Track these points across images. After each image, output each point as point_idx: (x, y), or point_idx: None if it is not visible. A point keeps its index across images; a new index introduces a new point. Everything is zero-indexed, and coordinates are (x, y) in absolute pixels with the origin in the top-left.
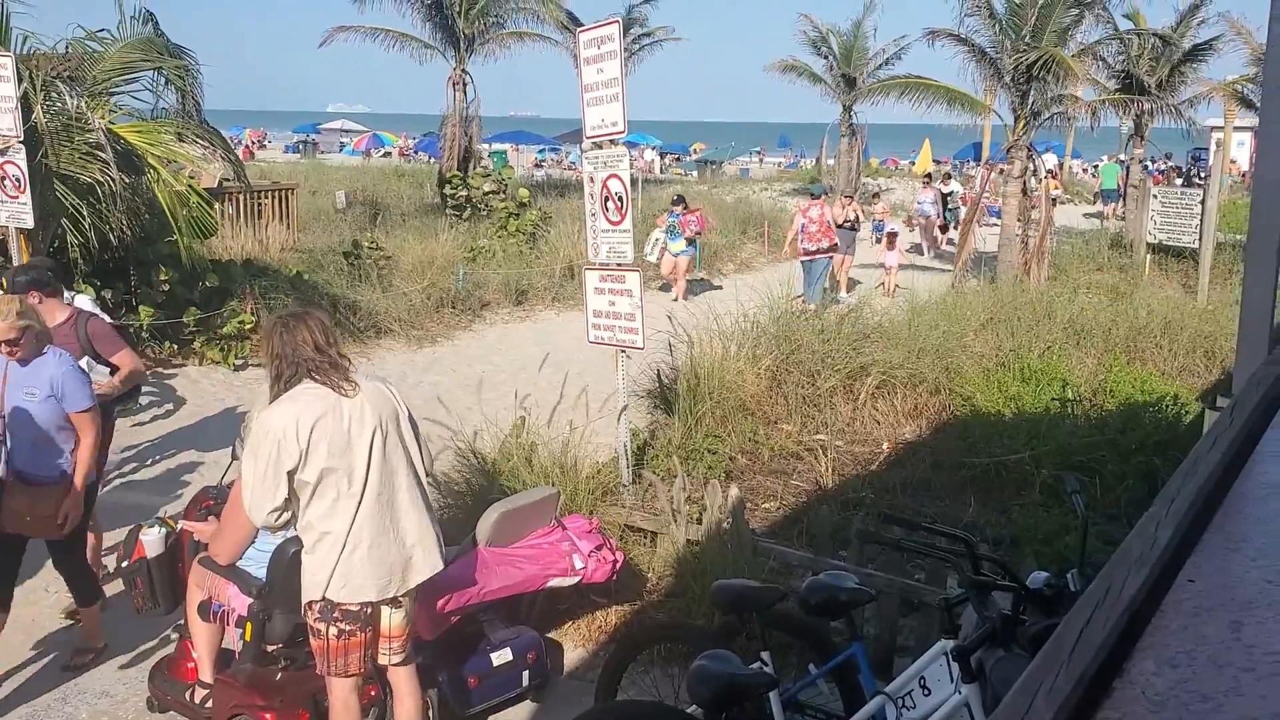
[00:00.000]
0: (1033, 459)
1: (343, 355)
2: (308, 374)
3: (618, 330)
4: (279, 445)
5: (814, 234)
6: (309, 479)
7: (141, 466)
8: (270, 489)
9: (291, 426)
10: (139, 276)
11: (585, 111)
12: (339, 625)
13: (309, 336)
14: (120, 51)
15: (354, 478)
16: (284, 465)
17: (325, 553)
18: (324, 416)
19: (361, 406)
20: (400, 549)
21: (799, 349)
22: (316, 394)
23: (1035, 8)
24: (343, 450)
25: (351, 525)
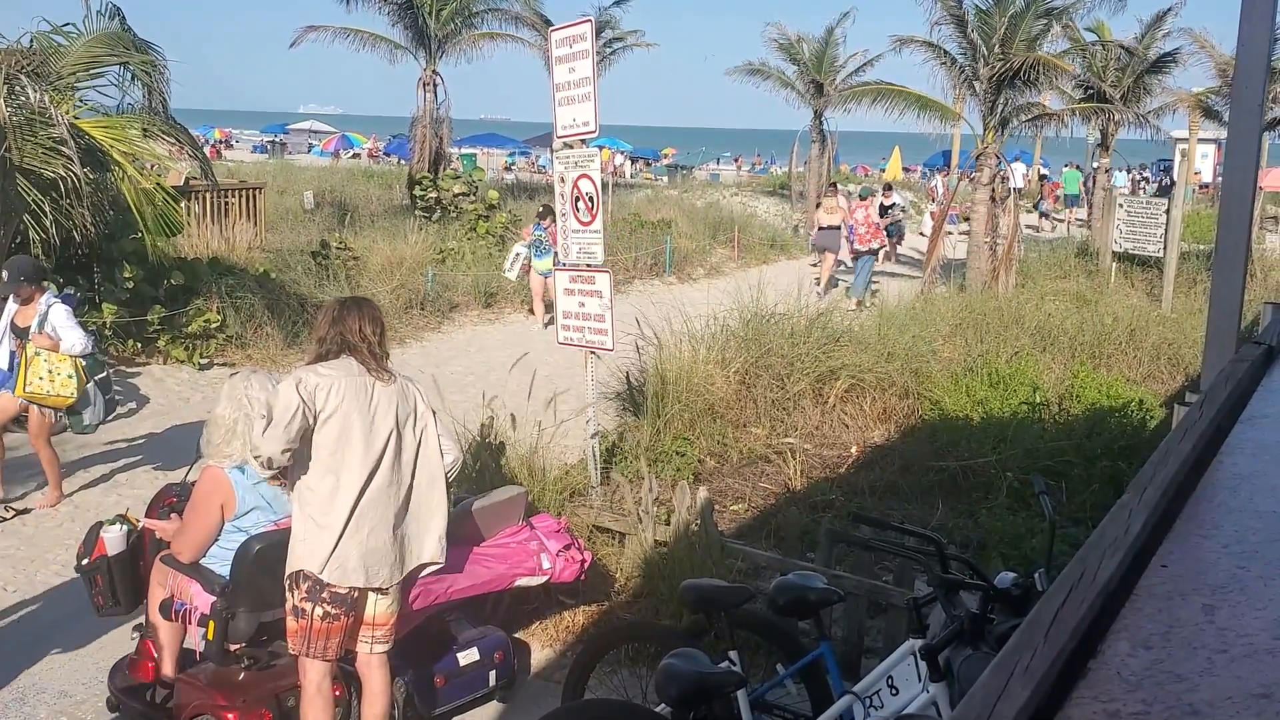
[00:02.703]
0: (1000, 463)
1: (385, 350)
2: (348, 351)
3: (587, 331)
4: (311, 394)
5: (864, 235)
6: (325, 440)
7: (104, 464)
8: (285, 433)
9: (325, 384)
10: (103, 273)
11: (556, 111)
12: (325, 606)
13: (358, 324)
14: (86, 46)
15: (366, 457)
16: (307, 414)
17: (324, 525)
18: (355, 388)
19: (391, 395)
20: (400, 542)
21: (768, 352)
22: (352, 368)
23: (1005, 17)
24: (363, 427)
25: (355, 504)
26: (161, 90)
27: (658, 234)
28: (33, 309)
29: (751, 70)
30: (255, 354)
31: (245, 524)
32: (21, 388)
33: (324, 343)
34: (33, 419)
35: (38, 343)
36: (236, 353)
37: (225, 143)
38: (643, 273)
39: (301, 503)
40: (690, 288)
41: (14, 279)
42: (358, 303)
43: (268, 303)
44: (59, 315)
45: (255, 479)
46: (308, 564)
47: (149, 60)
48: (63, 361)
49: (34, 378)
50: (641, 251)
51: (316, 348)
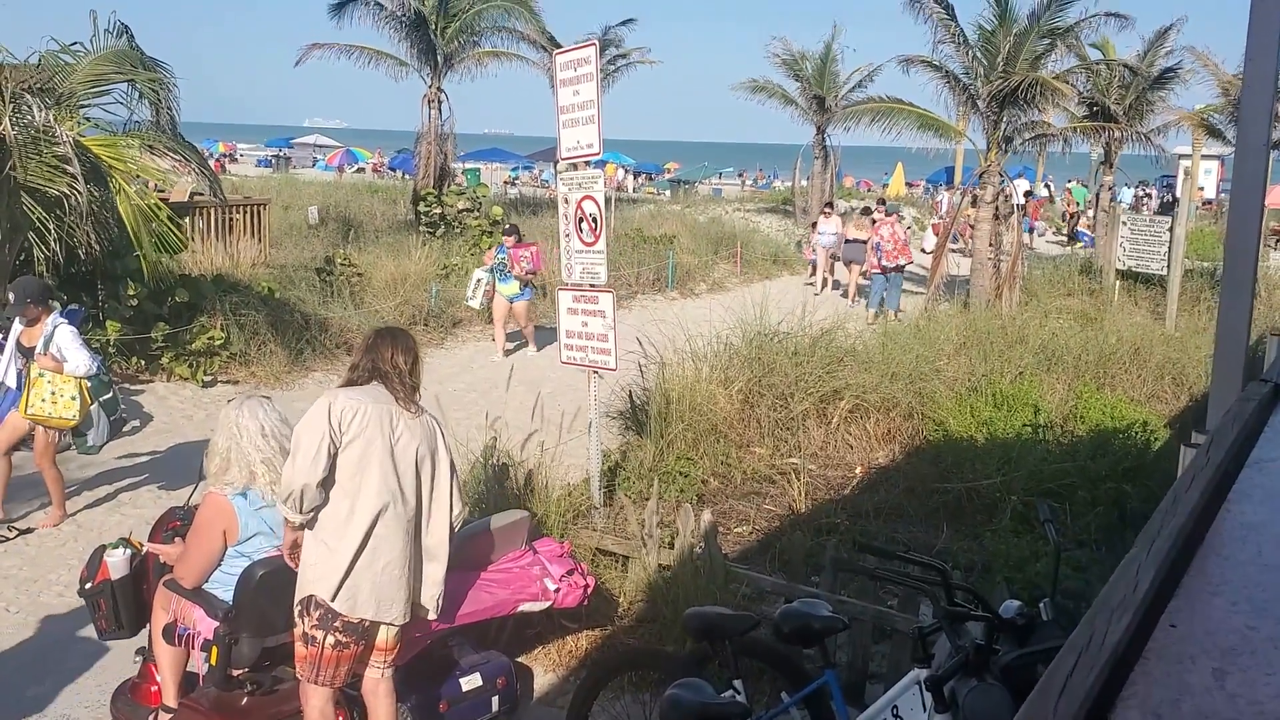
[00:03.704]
0: (1004, 485)
1: (417, 382)
2: (379, 379)
3: (590, 351)
4: (337, 423)
5: (890, 251)
6: (345, 464)
7: (107, 483)
8: (314, 462)
9: (351, 408)
10: (107, 291)
11: (561, 133)
12: (337, 635)
13: (393, 354)
14: (92, 64)
15: (384, 485)
16: (334, 439)
17: (335, 550)
18: (380, 415)
19: (415, 429)
20: (413, 581)
21: (771, 371)
22: (380, 395)
23: (1008, 36)
24: (384, 455)
25: (369, 532)
26: (170, 107)
27: (660, 249)
28: (39, 329)
29: (755, 87)
30: (259, 371)
31: (248, 549)
32: (24, 408)
33: (356, 369)
34: (38, 439)
35: (41, 364)
36: (240, 370)
37: (229, 156)
38: (645, 288)
39: (315, 526)
40: (693, 303)
41: (21, 300)
42: (393, 333)
43: (272, 320)
44: (65, 336)
45: (258, 504)
46: (318, 590)
47: (156, 77)
48: (66, 383)
49: (36, 399)
50: (644, 267)
51: (349, 373)
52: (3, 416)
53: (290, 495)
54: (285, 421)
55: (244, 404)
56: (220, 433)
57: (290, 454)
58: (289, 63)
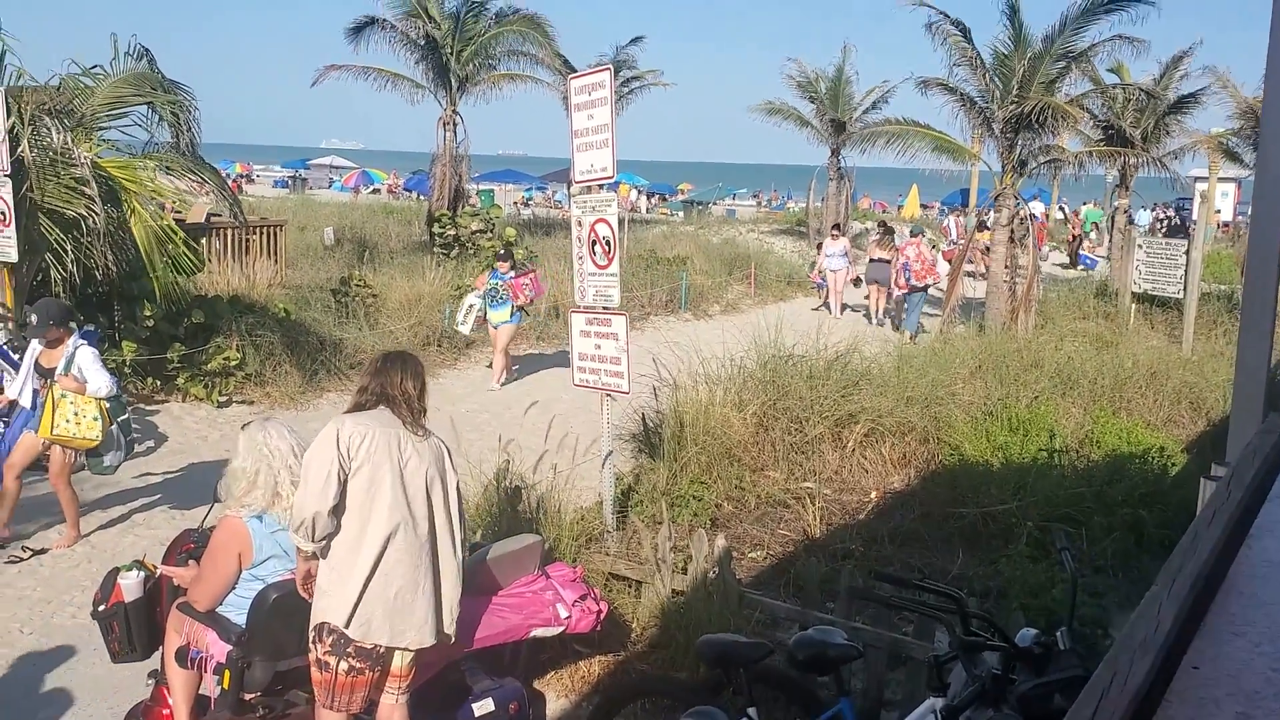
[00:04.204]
0: (1020, 510)
1: (424, 406)
2: (386, 403)
3: (603, 374)
4: (346, 449)
5: (919, 271)
6: (354, 490)
7: (121, 504)
8: (325, 489)
9: (359, 433)
10: (123, 311)
11: (575, 156)
12: (350, 661)
13: (402, 379)
14: (111, 86)
15: (394, 510)
16: (343, 466)
17: (347, 577)
18: (388, 440)
19: (423, 452)
20: (426, 606)
21: (786, 395)
22: (388, 420)
23: (1023, 59)
24: (393, 479)
25: (379, 557)
26: (190, 128)
27: (674, 270)
28: (59, 351)
29: (771, 109)
30: (274, 392)
31: (262, 573)
32: (48, 429)
33: (364, 393)
34: (54, 459)
35: (64, 385)
36: (255, 391)
37: (246, 177)
38: (658, 309)
39: (327, 554)
40: (706, 324)
41: (43, 322)
42: (402, 357)
43: (287, 341)
44: (86, 358)
45: (274, 527)
46: (331, 617)
47: (175, 100)
48: (88, 404)
49: (60, 420)
50: (657, 288)
51: (356, 397)
52: (18, 437)
53: (302, 524)
54: (302, 444)
55: (267, 425)
56: (246, 455)
57: (300, 482)
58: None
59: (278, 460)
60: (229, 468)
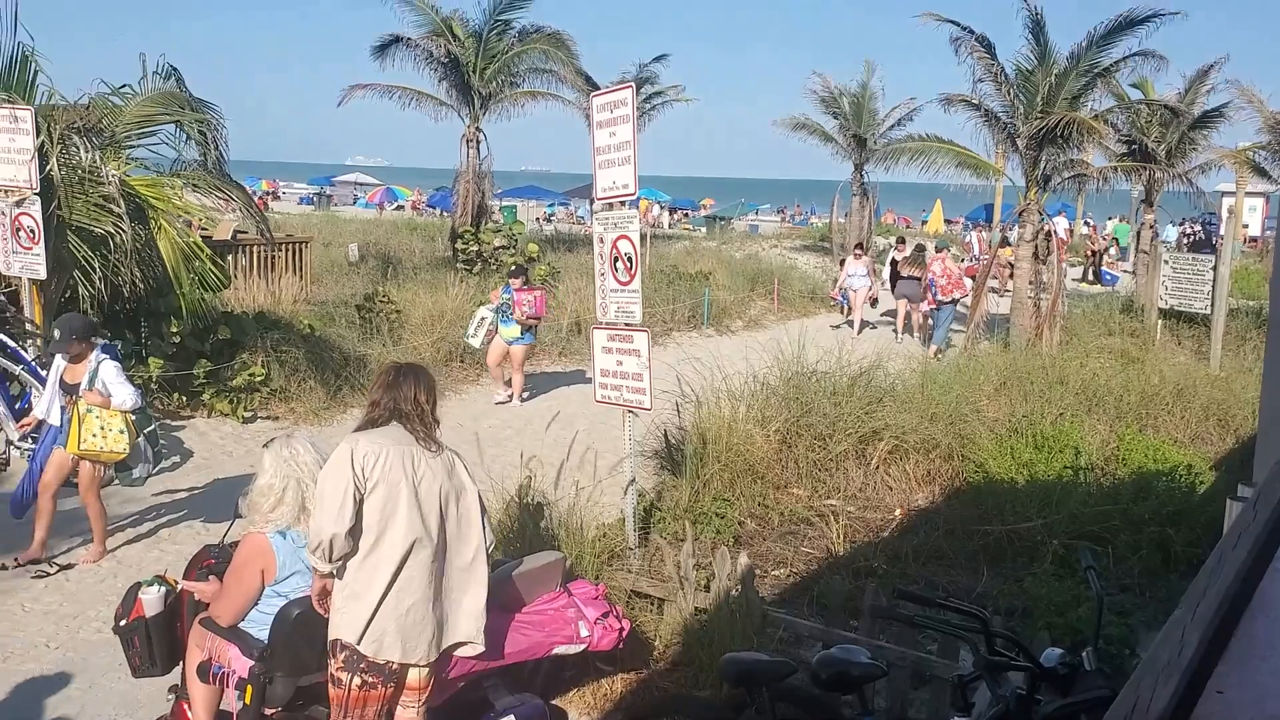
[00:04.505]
0: (1045, 528)
1: (436, 420)
2: (399, 419)
3: (625, 390)
4: (360, 468)
5: (945, 286)
6: (370, 509)
7: (148, 520)
8: (341, 511)
9: (374, 452)
10: (150, 328)
11: (596, 173)
12: (363, 676)
13: (413, 391)
14: (139, 105)
15: (410, 528)
16: (359, 486)
17: (361, 595)
18: (403, 457)
19: (438, 467)
20: (442, 620)
21: (809, 411)
22: (401, 436)
23: (1048, 76)
24: (409, 497)
25: (395, 576)
26: (217, 146)
27: (696, 286)
28: (83, 366)
29: (796, 124)
30: (298, 407)
31: (285, 589)
32: (75, 445)
33: (376, 407)
34: (83, 473)
35: (89, 400)
36: (280, 406)
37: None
38: (680, 324)
39: (341, 572)
40: (729, 340)
41: (65, 337)
42: (414, 370)
43: (312, 357)
44: (109, 371)
45: (299, 543)
46: (344, 634)
47: (202, 118)
48: (114, 417)
49: (87, 434)
50: (679, 303)
51: (368, 412)
52: (47, 454)
53: (319, 545)
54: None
55: (292, 441)
56: (272, 471)
57: (316, 503)
58: (332, 103)
59: (306, 474)
60: (254, 485)
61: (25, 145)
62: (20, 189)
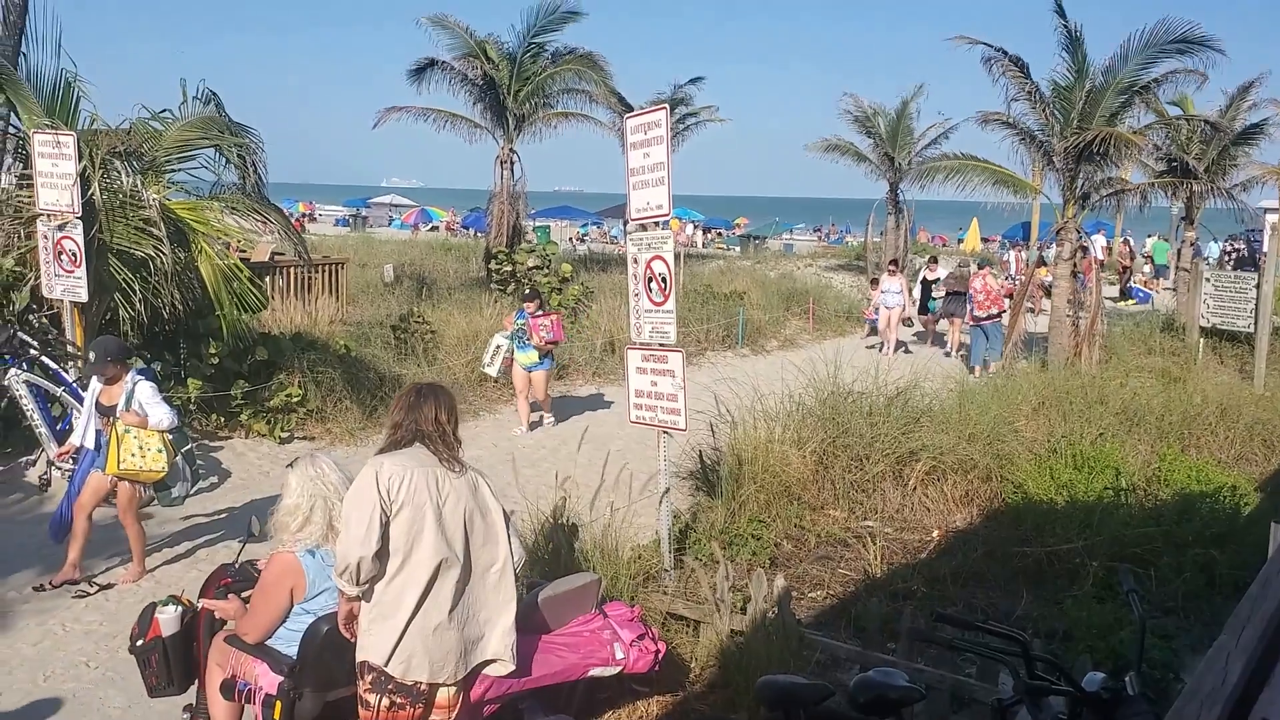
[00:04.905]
0: (1085, 549)
1: (459, 439)
2: (421, 440)
3: (659, 410)
4: (386, 491)
5: (983, 302)
6: (396, 532)
7: (186, 540)
8: (368, 534)
9: (399, 474)
10: (189, 349)
11: (630, 194)
12: (392, 697)
13: (434, 411)
14: (179, 130)
15: (436, 549)
16: (385, 509)
17: (389, 617)
18: (427, 478)
19: (461, 487)
20: (469, 639)
21: (846, 432)
22: (424, 458)
23: (1084, 92)
24: (434, 519)
25: (423, 597)
26: (255, 169)
27: (730, 305)
28: (118, 388)
29: (829, 146)
30: (334, 428)
31: (313, 606)
32: (115, 465)
33: (398, 429)
34: (122, 494)
35: (127, 420)
36: (316, 427)
37: (309, 216)
38: (715, 344)
39: (368, 594)
40: (764, 360)
41: (101, 359)
42: (434, 389)
43: (347, 377)
44: (145, 392)
45: (327, 562)
46: (372, 655)
47: (241, 142)
48: (151, 437)
49: (126, 455)
50: (714, 323)
51: (390, 433)
52: (84, 477)
53: (346, 569)
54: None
55: (316, 460)
56: (299, 490)
57: (343, 526)
58: (368, 125)
59: (332, 493)
60: (280, 505)
61: (68, 170)
62: (63, 213)
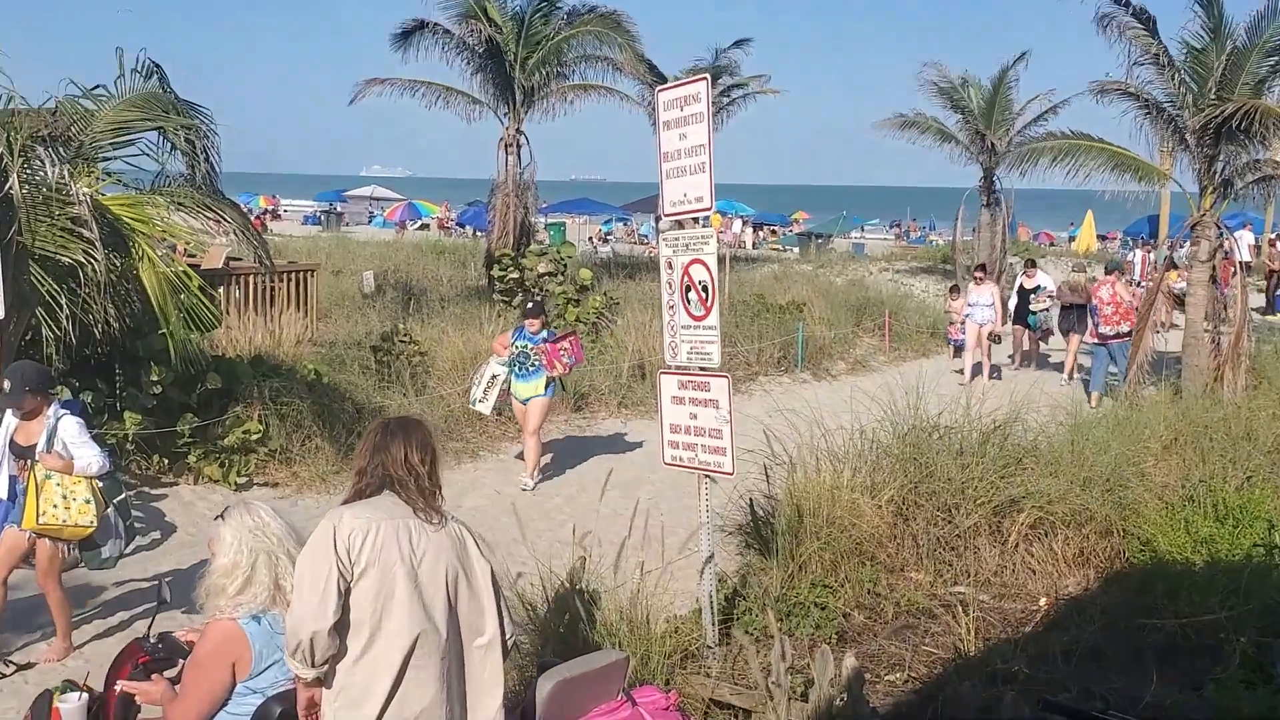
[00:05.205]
0: (1231, 621)
1: (437, 484)
2: (391, 487)
3: (700, 450)
4: (346, 550)
5: (1110, 316)
6: (361, 599)
7: (121, 610)
8: (323, 604)
9: (362, 529)
10: (126, 376)
11: (663, 184)
12: None
13: (404, 452)
14: (116, 111)
15: (411, 619)
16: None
17: (361, 707)
18: (398, 533)
19: (441, 543)
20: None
21: (931, 476)
22: (394, 508)
23: (1222, 56)
24: (408, 582)
25: (398, 681)
26: (207, 156)
27: (787, 319)
28: (38, 424)
29: (905, 123)
30: (302, 471)
31: (261, 684)
32: (33, 519)
33: (363, 475)
34: (42, 555)
35: (48, 464)
36: (280, 470)
37: (272, 213)
38: (769, 368)
39: (330, 677)
40: (829, 387)
41: (17, 390)
42: (404, 426)
43: (318, 409)
44: (70, 430)
45: (276, 628)
46: None
47: (190, 124)
48: (78, 484)
49: (47, 506)
50: (767, 341)
51: (355, 482)
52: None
53: (299, 646)
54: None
55: (251, 508)
56: (235, 545)
57: (295, 595)
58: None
59: (276, 545)
60: (212, 566)
61: None
62: None
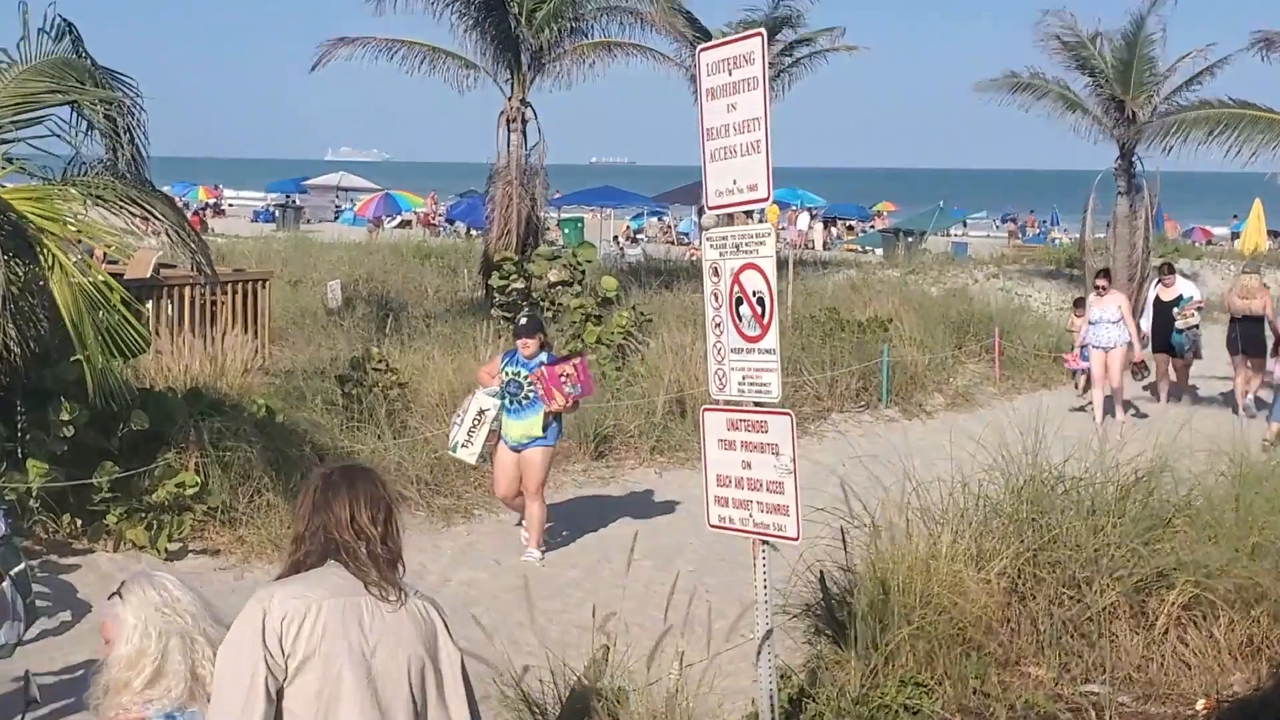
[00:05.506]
0: None
1: (396, 550)
2: (335, 556)
3: (756, 509)
4: (278, 639)
5: None
6: (299, 701)
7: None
8: (247, 709)
9: (299, 613)
10: (29, 415)
11: (707, 168)
12: None
13: (349, 512)
14: (18, 81)
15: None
16: (273, 668)
17: None
18: (344, 615)
19: (399, 628)
20: None
21: (1054, 541)
22: (339, 584)
23: None
24: (356, 678)
25: None
26: (133, 138)
27: (868, 341)
28: None
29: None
30: (249, 535)
31: None
32: None
33: (301, 542)
34: None
35: None
36: (222, 533)
37: (214, 207)
38: (844, 402)
39: None
40: (922, 426)
41: None
42: (349, 477)
43: (271, 456)
44: None
45: None
46: None
47: (111, 97)
48: None
49: None
50: (841, 369)
51: (291, 550)
52: None
53: None
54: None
55: (155, 579)
56: (139, 628)
57: (213, 696)
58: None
59: (190, 624)
60: (112, 656)
61: None
62: None
